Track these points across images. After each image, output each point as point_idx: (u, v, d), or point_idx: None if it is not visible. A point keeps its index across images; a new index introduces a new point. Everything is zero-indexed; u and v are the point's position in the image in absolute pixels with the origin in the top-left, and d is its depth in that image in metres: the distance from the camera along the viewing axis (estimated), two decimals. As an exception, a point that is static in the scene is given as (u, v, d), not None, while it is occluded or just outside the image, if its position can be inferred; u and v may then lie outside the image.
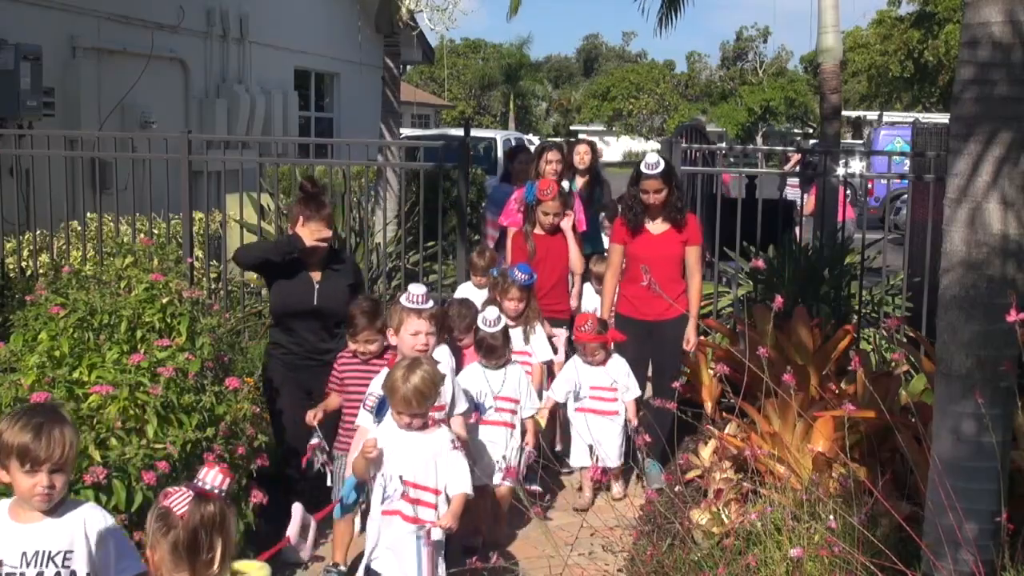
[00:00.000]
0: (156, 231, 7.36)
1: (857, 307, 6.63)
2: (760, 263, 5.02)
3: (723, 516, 4.18)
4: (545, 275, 5.99)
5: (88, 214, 7.56)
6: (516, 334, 5.44)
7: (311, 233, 4.84)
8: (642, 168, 5.60)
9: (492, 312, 5.03)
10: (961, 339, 2.94)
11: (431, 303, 4.23)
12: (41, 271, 7.18)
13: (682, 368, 5.88)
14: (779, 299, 3.55)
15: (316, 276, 4.95)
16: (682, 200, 5.65)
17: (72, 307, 4.61)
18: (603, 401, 5.45)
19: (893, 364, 4.71)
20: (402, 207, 7.43)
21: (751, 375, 3.69)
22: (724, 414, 5.73)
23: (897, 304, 7.00)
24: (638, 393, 5.50)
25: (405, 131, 18.32)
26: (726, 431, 5.09)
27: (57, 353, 4.19)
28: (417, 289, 4.22)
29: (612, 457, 5.40)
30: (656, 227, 5.69)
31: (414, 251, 7.65)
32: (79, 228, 7.52)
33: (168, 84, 11.56)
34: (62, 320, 4.52)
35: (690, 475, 4.88)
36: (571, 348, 5.94)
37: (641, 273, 5.38)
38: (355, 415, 4.32)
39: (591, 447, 5.31)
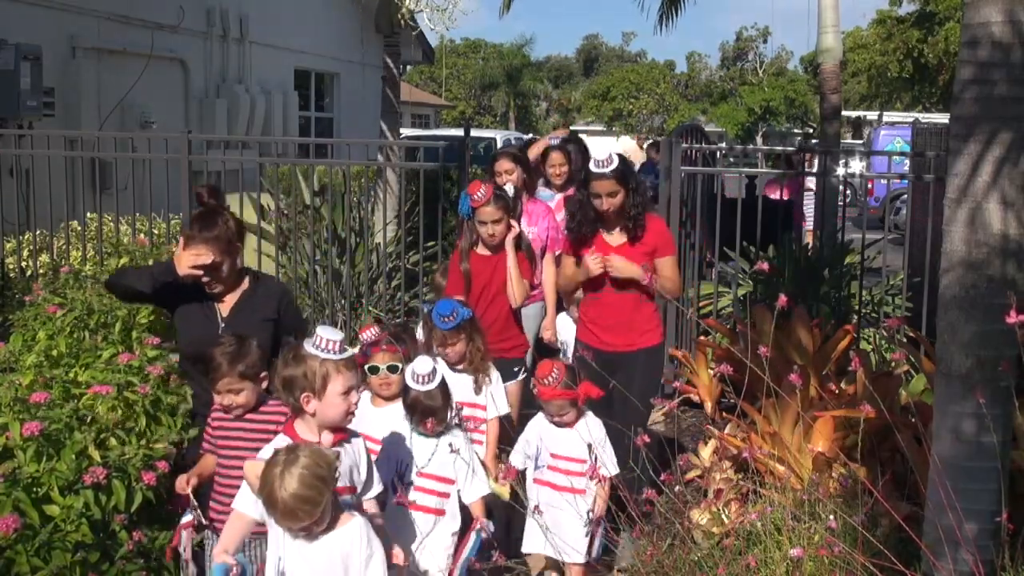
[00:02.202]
0: (156, 231, 7.37)
1: (857, 307, 6.63)
2: (767, 266, 4.60)
3: (723, 516, 4.18)
4: (487, 305, 4.83)
5: (88, 214, 7.56)
6: (466, 382, 4.33)
7: (189, 259, 3.81)
8: (591, 166, 4.61)
9: (423, 364, 3.84)
10: (961, 339, 2.94)
11: (348, 349, 3.25)
12: (41, 271, 7.18)
13: (651, 408, 4.70)
14: (783, 298, 3.49)
15: (224, 307, 3.96)
16: (641, 205, 4.64)
17: (70, 307, 4.62)
18: (566, 475, 4.08)
19: (893, 364, 4.71)
20: (402, 207, 7.42)
21: (751, 375, 3.69)
22: (724, 414, 5.73)
23: (897, 304, 7.00)
24: (615, 471, 4.09)
25: (405, 131, 18.32)
26: (726, 431, 5.09)
27: (55, 352, 4.20)
28: (331, 333, 3.15)
29: (570, 549, 3.96)
30: (614, 238, 4.71)
31: (414, 251, 7.65)
32: (79, 228, 7.52)
33: (168, 84, 11.58)
34: (59, 320, 4.52)
35: (690, 475, 4.88)
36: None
37: (599, 294, 4.66)
38: (230, 484, 3.50)
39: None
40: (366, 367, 3.86)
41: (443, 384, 3.86)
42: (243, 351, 3.59)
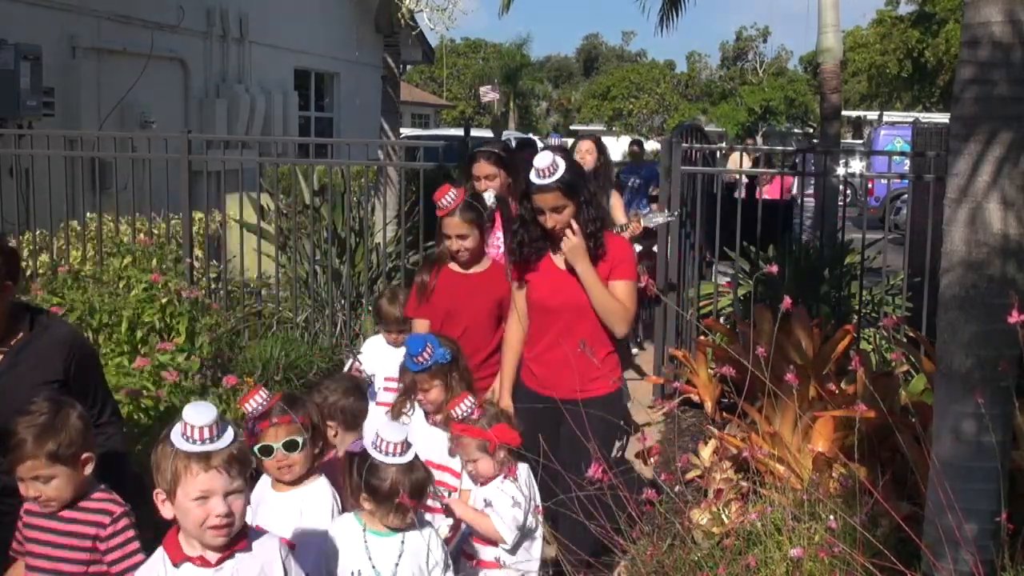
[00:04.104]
0: (156, 231, 7.37)
1: (857, 307, 6.63)
2: (774, 268, 4.36)
3: (723, 516, 4.17)
4: (459, 334, 4.05)
5: (88, 214, 7.57)
6: (439, 439, 3.61)
7: None
8: (531, 175, 3.74)
9: (393, 431, 2.87)
10: (961, 339, 2.94)
11: (229, 437, 2.40)
12: (41, 271, 7.18)
13: (612, 464, 3.67)
14: (787, 300, 3.47)
15: None
16: (599, 220, 3.85)
17: (70, 307, 4.61)
18: (485, 545, 3.41)
19: (893, 364, 4.71)
20: (402, 207, 7.42)
21: (751, 375, 3.69)
22: (724, 414, 5.73)
23: (897, 304, 7.00)
24: (506, 544, 3.37)
25: (405, 131, 18.33)
26: (726, 431, 5.09)
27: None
28: (196, 416, 2.37)
29: None
30: (564, 260, 3.88)
31: (414, 251, 7.65)
32: (79, 228, 7.52)
33: (168, 84, 11.58)
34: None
35: (690, 475, 4.88)
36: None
37: (545, 329, 3.89)
38: None
39: None
40: (256, 448, 3.01)
41: (415, 465, 2.87)
42: (56, 424, 2.66)
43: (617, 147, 57.34)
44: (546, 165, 3.68)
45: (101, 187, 7.49)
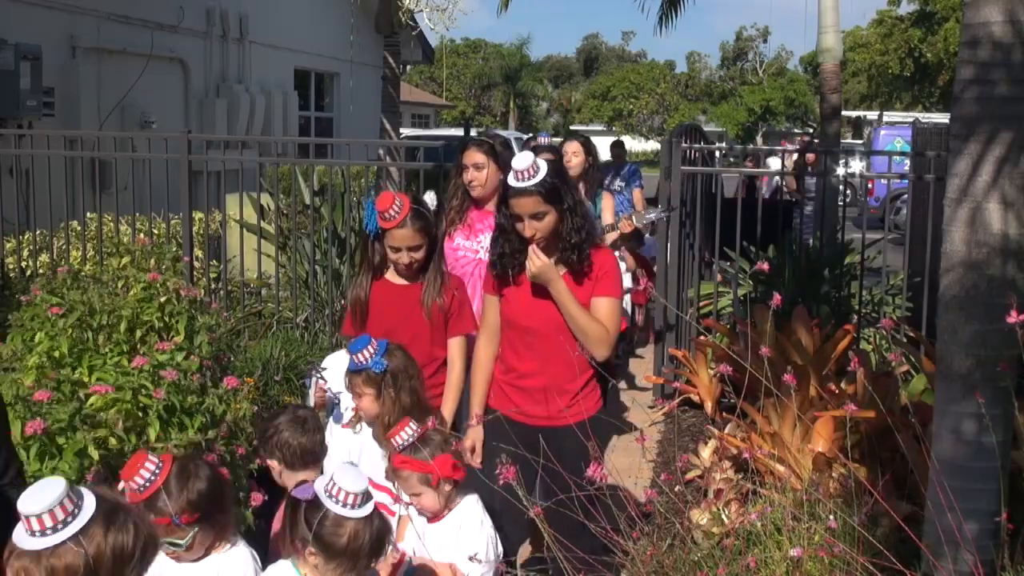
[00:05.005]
0: (156, 231, 7.37)
1: (857, 307, 6.63)
2: (765, 266, 4.34)
3: (723, 516, 4.17)
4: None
5: (88, 214, 7.57)
6: (375, 453, 3.39)
7: None
8: (509, 178, 3.37)
9: (351, 479, 2.47)
10: (961, 339, 2.94)
11: (72, 529, 1.80)
12: (41, 271, 7.18)
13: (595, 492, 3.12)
14: (777, 297, 3.44)
15: None
16: (584, 230, 3.44)
17: (70, 307, 4.61)
18: None
19: (893, 364, 4.72)
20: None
21: (751, 375, 3.69)
22: (724, 414, 5.73)
23: (897, 304, 7.00)
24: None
25: (404, 131, 18.33)
26: (726, 431, 5.09)
27: (56, 353, 4.19)
28: (32, 501, 1.78)
29: None
30: None
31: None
32: (79, 228, 7.52)
33: (168, 84, 11.59)
34: (60, 320, 4.51)
35: (690, 475, 4.88)
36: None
37: (519, 347, 3.54)
38: None
39: None
40: None
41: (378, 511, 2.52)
42: None
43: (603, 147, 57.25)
44: (525, 167, 3.31)
45: (101, 187, 7.49)
